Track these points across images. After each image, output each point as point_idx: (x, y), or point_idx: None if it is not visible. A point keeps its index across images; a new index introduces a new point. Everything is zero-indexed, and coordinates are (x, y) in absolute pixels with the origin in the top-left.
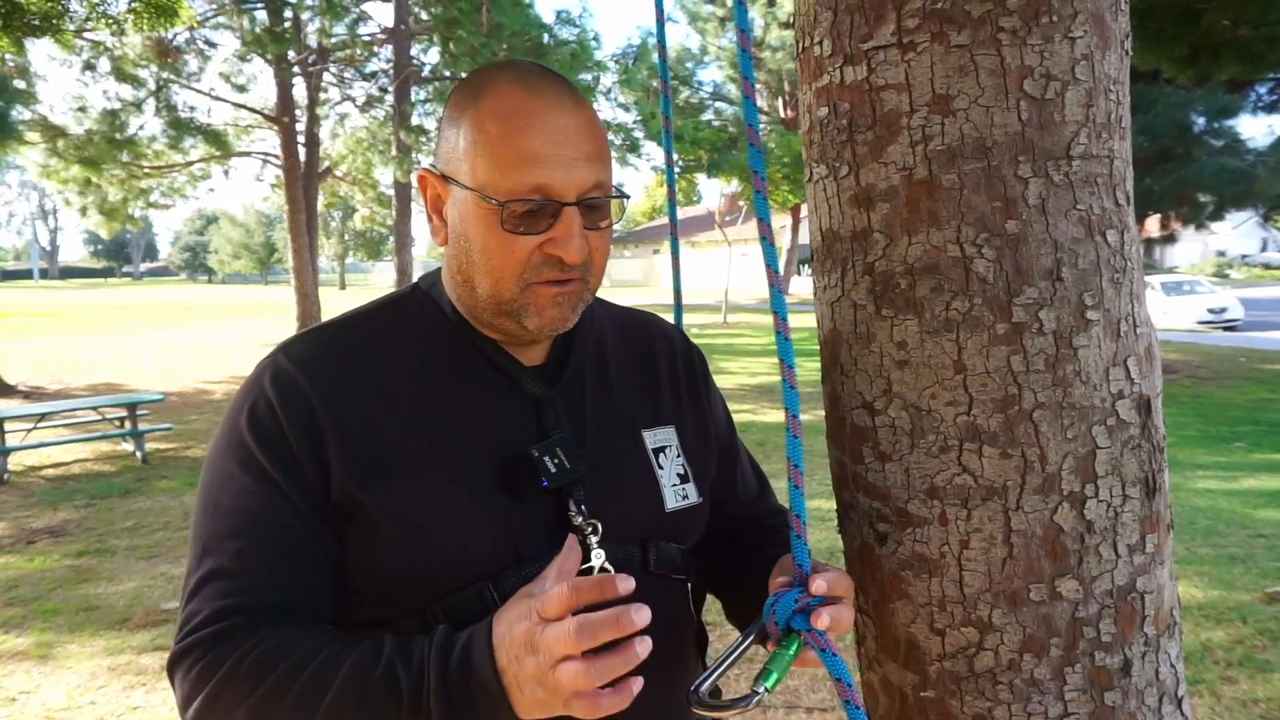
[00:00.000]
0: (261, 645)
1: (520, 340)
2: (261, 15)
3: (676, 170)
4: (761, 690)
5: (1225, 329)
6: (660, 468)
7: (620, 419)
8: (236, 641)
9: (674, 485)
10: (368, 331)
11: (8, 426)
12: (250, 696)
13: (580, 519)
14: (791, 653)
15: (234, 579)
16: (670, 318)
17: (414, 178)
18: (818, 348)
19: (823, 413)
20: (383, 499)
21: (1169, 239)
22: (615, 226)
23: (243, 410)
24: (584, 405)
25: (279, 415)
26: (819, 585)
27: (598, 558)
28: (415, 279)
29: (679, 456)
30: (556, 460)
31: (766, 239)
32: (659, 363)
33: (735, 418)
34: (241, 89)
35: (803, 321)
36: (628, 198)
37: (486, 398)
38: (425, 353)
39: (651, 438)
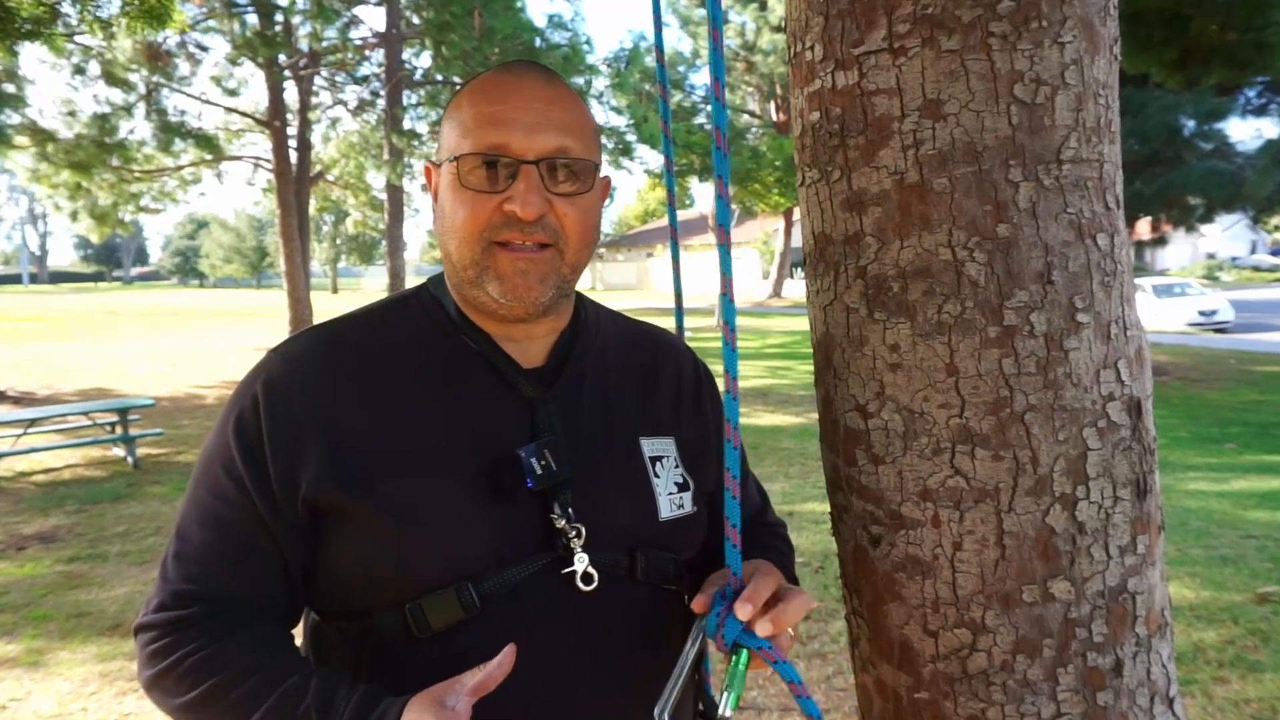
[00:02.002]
0: (208, 649)
1: (515, 334)
2: (252, 19)
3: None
4: (727, 714)
5: (1215, 331)
6: (656, 476)
7: (618, 425)
8: (189, 634)
9: (670, 494)
10: (368, 330)
11: None
12: (187, 694)
13: (564, 522)
14: (742, 667)
15: (197, 567)
16: (662, 321)
17: (408, 183)
18: (811, 351)
19: (817, 415)
20: (369, 496)
21: (1159, 242)
22: (606, 230)
23: (232, 414)
24: (581, 409)
25: (261, 423)
26: (744, 610)
27: (580, 562)
28: (408, 282)
29: (677, 466)
30: (543, 462)
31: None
32: (663, 375)
33: None
34: (232, 93)
35: (796, 325)
36: (597, 167)
37: (482, 397)
38: (424, 351)
39: (649, 446)
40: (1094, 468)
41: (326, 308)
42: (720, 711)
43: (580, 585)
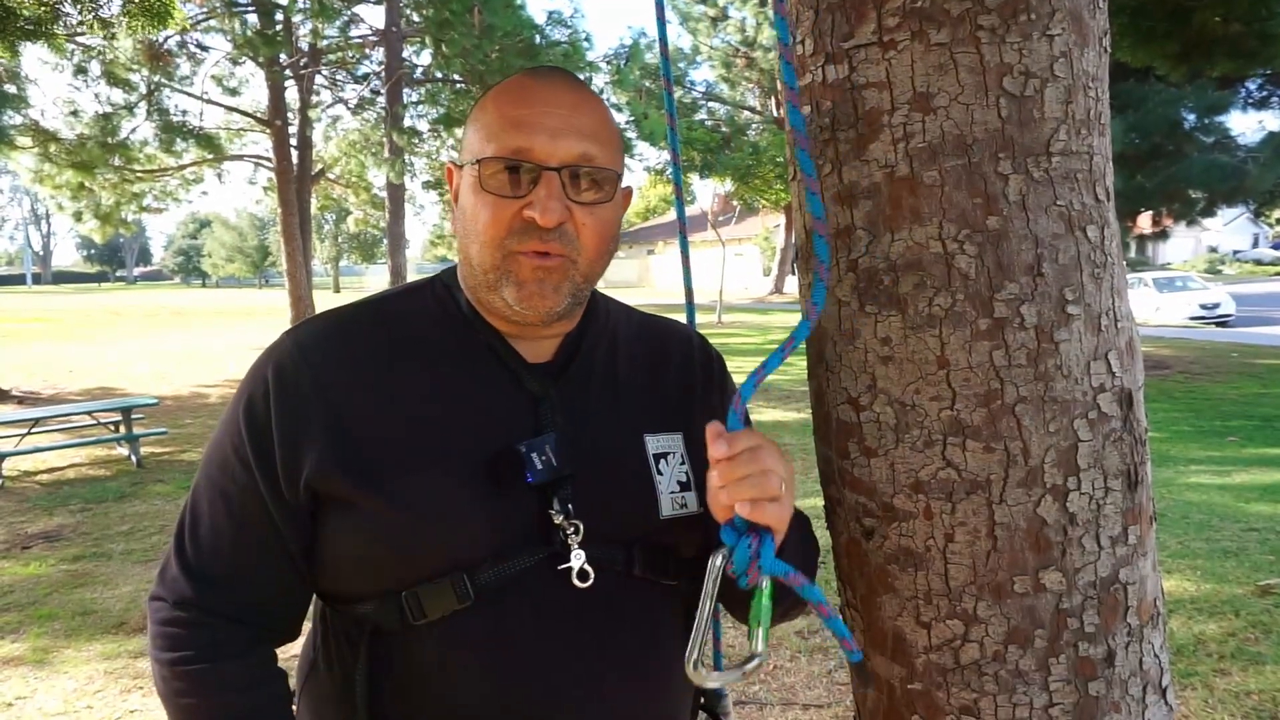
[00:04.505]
0: (208, 663)
1: (525, 333)
2: (253, 18)
3: (669, 171)
4: (761, 651)
5: (1217, 324)
6: (659, 474)
7: (623, 422)
8: (195, 634)
9: (673, 493)
10: (380, 317)
11: (1, 432)
12: (177, 696)
13: (561, 518)
14: (766, 602)
15: (208, 545)
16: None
17: (409, 181)
18: (804, 345)
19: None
20: (370, 485)
21: (1161, 235)
22: None
23: (244, 397)
24: (586, 405)
25: (271, 407)
26: (718, 448)
27: (577, 559)
28: (410, 280)
29: (683, 464)
30: (544, 457)
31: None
32: (672, 369)
33: None
34: (233, 92)
35: (798, 321)
36: (619, 176)
37: (488, 390)
38: (433, 341)
39: (654, 443)
40: (1085, 459)
41: (328, 306)
42: (753, 647)
43: (576, 581)
